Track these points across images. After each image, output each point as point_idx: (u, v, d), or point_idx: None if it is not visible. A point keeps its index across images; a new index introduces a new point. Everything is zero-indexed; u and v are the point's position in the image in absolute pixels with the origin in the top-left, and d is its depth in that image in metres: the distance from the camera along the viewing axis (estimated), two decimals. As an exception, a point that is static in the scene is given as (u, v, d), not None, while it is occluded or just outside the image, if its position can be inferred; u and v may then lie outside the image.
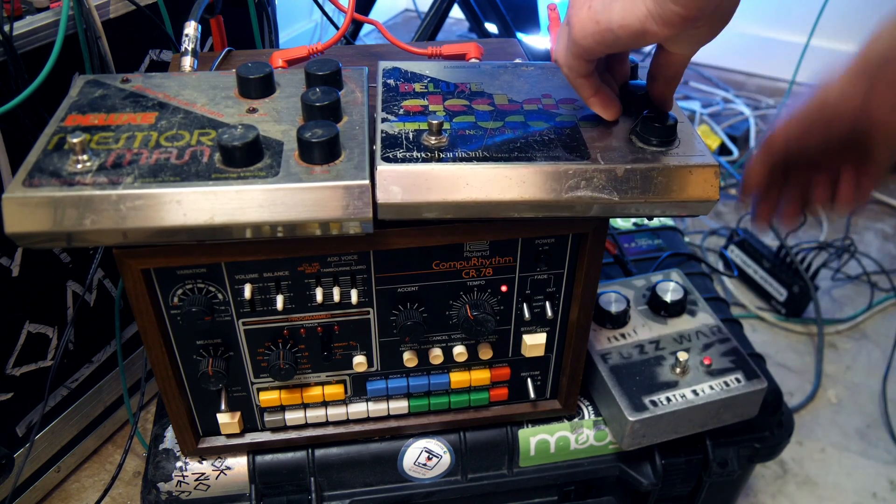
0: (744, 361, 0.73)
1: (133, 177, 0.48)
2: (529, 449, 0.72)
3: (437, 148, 0.52)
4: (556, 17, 0.67)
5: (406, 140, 0.53)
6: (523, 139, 0.54)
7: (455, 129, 0.55)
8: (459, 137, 0.54)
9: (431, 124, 0.52)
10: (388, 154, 0.52)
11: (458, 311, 0.62)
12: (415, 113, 0.56)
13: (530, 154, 0.52)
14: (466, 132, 0.54)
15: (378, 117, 0.56)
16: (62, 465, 0.97)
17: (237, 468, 0.69)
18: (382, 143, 0.53)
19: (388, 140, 0.53)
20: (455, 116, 0.56)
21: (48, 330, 0.88)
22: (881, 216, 1.56)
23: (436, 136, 0.53)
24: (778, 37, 1.98)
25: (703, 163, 0.53)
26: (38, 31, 0.76)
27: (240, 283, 0.57)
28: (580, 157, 0.52)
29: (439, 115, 0.56)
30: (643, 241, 0.95)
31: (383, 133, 0.54)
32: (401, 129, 0.54)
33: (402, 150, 0.52)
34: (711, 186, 0.53)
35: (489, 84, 0.61)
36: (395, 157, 0.51)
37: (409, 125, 0.55)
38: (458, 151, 0.52)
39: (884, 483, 1.02)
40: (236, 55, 0.73)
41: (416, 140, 0.53)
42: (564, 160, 0.52)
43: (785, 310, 1.29)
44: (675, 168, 0.52)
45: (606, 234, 0.59)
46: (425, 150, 0.52)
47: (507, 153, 0.52)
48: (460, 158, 0.52)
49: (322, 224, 0.49)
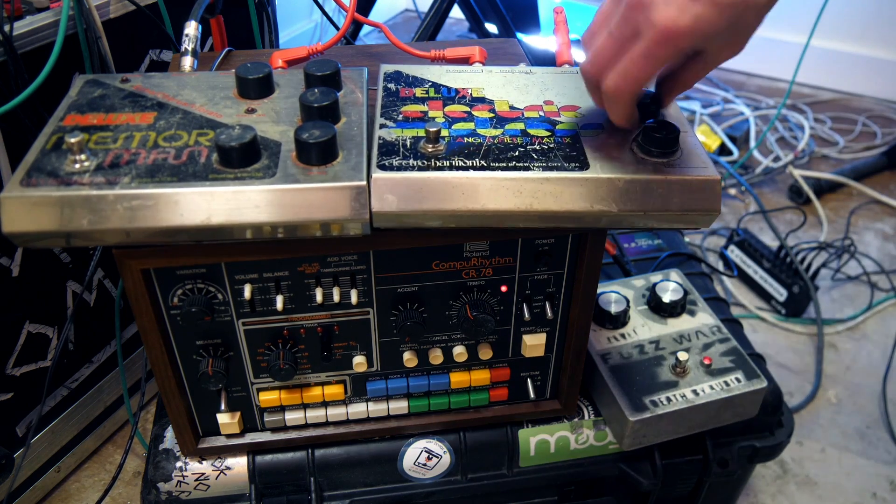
0: (744, 361, 0.73)
1: (130, 177, 0.48)
2: (529, 449, 0.72)
3: (435, 156, 0.52)
4: (563, 19, 0.66)
5: (403, 147, 0.53)
6: (522, 147, 0.53)
7: (453, 137, 0.54)
8: (458, 145, 0.53)
9: (429, 132, 0.52)
10: (384, 161, 0.51)
11: (458, 311, 0.62)
12: (414, 119, 0.56)
13: (528, 163, 0.52)
14: (465, 139, 0.54)
15: (377, 123, 0.55)
16: (62, 465, 0.97)
17: (237, 468, 0.69)
18: (379, 150, 0.52)
19: (385, 147, 0.53)
20: (454, 123, 0.56)
21: (48, 330, 0.88)
22: (881, 216, 1.56)
23: (433, 144, 0.52)
24: (778, 37, 1.98)
25: (705, 175, 0.52)
26: (38, 31, 0.76)
27: (240, 284, 0.57)
28: (579, 167, 0.52)
29: (438, 122, 0.55)
30: (643, 241, 0.95)
31: (380, 140, 0.53)
32: (398, 136, 0.54)
33: (398, 157, 0.51)
34: (713, 200, 0.52)
35: (491, 89, 0.60)
36: (390, 165, 0.51)
37: (407, 132, 0.54)
38: (456, 160, 0.52)
39: (884, 483, 1.02)
40: (236, 55, 0.73)
41: (414, 147, 0.53)
42: (563, 170, 0.51)
43: (785, 310, 1.29)
44: (675, 181, 0.52)
45: (606, 234, 0.59)
46: (422, 157, 0.52)
47: (504, 162, 0.52)
48: (457, 167, 0.51)
49: (319, 225, 0.49)
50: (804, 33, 1.57)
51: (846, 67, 1.99)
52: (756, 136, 1.76)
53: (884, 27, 1.92)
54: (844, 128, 1.85)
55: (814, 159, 1.74)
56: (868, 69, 1.97)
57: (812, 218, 1.53)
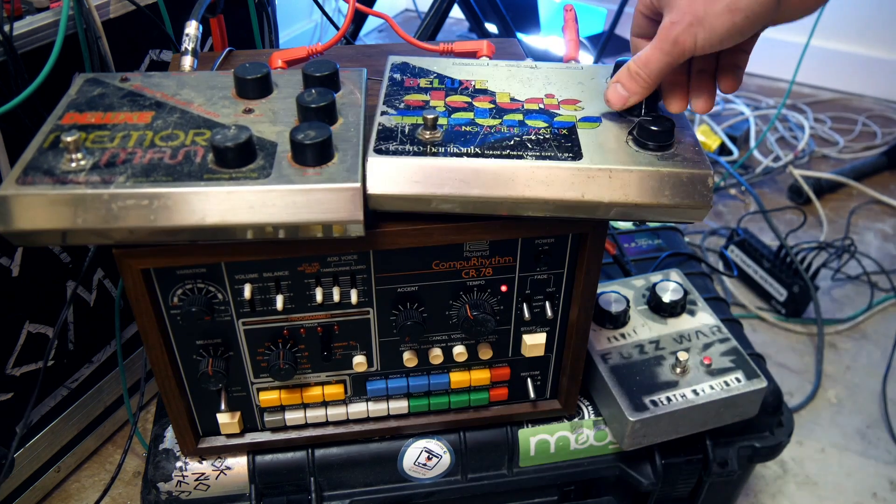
0: (744, 361, 0.73)
1: (126, 176, 0.48)
2: (529, 449, 0.72)
3: (431, 142, 0.53)
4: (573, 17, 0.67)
5: (401, 133, 0.54)
6: (518, 137, 0.54)
7: (452, 125, 0.55)
8: (455, 133, 0.54)
9: (426, 118, 0.52)
10: (380, 146, 0.52)
11: (458, 311, 0.62)
12: (415, 107, 0.57)
13: (522, 152, 0.52)
14: (463, 128, 0.55)
15: (378, 110, 0.56)
16: (62, 465, 0.97)
17: (237, 468, 0.69)
18: (378, 136, 0.53)
19: (384, 133, 0.54)
20: (454, 112, 0.56)
21: (48, 330, 0.88)
22: (881, 216, 1.56)
23: (430, 131, 0.53)
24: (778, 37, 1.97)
25: (697, 170, 0.52)
26: (38, 31, 0.76)
27: (240, 283, 0.57)
28: (572, 157, 0.52)
29: (437, 111, 0.56)
30: (643, 241, 0.95)
31: (380, 126, 0.54)
32: (398, 123, 0.55)
33: (395, 142, 0.52)
34: (704, 194, 0.52)
35: (494, 81, 0.61)
36: (387, 150, 0.52)
37: (407, 119, 0.55)
38: (451, 147, 0.52)
39: (884, 483, 1.02)
40: (237, 55, 0.73)
41: (412, 134, 0.54)
42: (555, 159, 0.52)
43: (785, 310, 1.29)
44: (667, 174, 0.52)
45: (606, 233, 0.59)
46: (419, 143, 0.53)
47: (499, 150, 0.52)
48: (452, 153, 0.52)
49: (313, 226, 0.49)
50: (804, 33, 1.57)
51: (846, 67, 1.99)
52: (756, 136, 1.76)
53: (884, 27, 1.92)
54: (844, 128, 1.85)
55: (814, 159, 1.74)
56: (868, 69, 1.97)
57: (812, 218, 1.53)
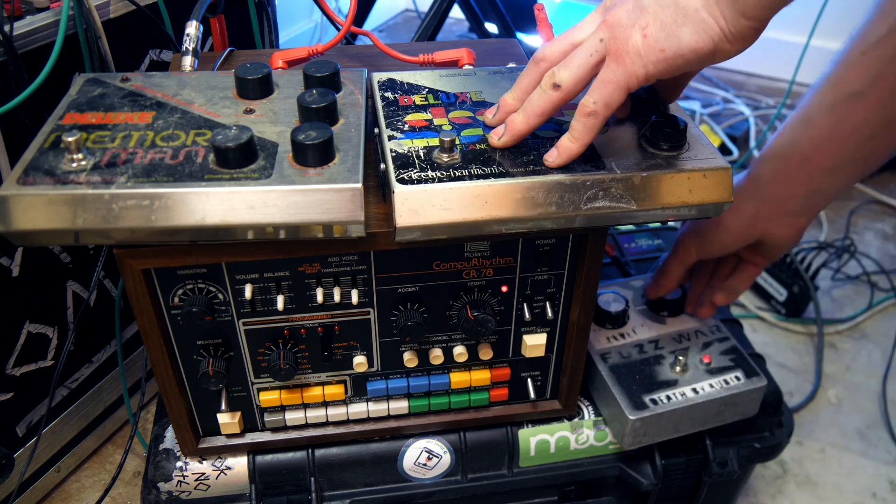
0: (743, 360, 0.73)
1: (127, 176, 0.48)
2: (529, 449, 0.72)
3: (451, 165, 0.51)
4: (544, 17, 0.66)
5: (417, 158, 0.52)
6: (536, 151, 0.53)
7: (465, 144, 0.54)
8: (471, 153, 0.53)
9: (443, 141, 0.51)
10: (402, 175, 0.50)
11: (459, 311, 0.62)
12: (420, 128, 0.56)
13: (546, 167, 0.52)
14: (477, 146, 0.54)
15: (384, 135, 0.55)
16: (62, 465, 0.97)
17: (237, 468, 0.69)
18: (394, 164, 0.52)
19: (399, 160, 0.52)
20: (462, 130, 0.55)
21: (48, 330, 0.88)
22: (881, 216, 1.56)
23: (448, 154, 0.52)
24: (778, 37, 1.97)
25: (717, 166, 0.53)
26: (38, 31, 0.76)
27: (240, 284, 0.57)
28: (595, 167, 0.52)
29: (448, 131, 0.55)
30: (643, 241, 0.95)
31: (393, 152, 0.53)
32: (410, 147, 0.53)
33: (415, 170, 0.51)
34: (725, 189, 0.53)
35: (489, 92, 0.60)
36: (409, 179, 0.50)
37: (417, 142, 0.54)
38: (473, 168, 0.51)
39: (884, 483, 1.02)
40: (238, 55, 0.73)
41: (428, 158, 0.52)
42: (581, 171, 0.51)
43: (785, 310, 1.29)
44: (689, 172, 0.52)
45: (607, 234, 0.59)
46: (439, 168, 0.51)
47: (522, 167, 0.52)
48: (477, 176, 0.51)
49: (314, 226, 0.49)
50: (804, 33, 1.57)
51: (846, 67, 1.98)
52: (756, 136, 1.76)
53: (884, 27, 1.91)
54: (844, 128, 1.84)
55: (814, 159, 1.73)
56: (868, 69, 1.97)
57: (812, 218, 1.53)
